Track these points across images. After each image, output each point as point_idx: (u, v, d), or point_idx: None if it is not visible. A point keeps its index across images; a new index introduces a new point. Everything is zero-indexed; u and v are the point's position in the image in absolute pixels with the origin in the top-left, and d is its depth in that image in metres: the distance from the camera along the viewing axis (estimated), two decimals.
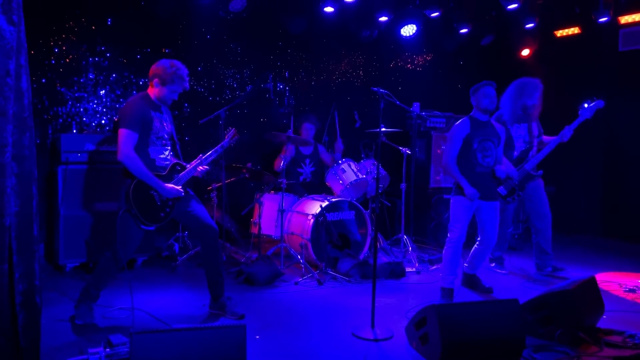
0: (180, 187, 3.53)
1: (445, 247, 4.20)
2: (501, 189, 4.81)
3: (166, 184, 3.45)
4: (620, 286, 4.65)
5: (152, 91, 3.56)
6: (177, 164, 3.61)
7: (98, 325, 3.45)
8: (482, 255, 4.38)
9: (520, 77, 4.88)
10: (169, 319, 3.58)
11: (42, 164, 4.97)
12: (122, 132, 3.35)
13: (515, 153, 4.85)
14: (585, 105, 4.68)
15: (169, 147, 3.61)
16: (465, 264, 4.52)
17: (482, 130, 4.17)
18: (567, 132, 4.71)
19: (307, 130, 5.96)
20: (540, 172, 4.86)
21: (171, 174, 3.54)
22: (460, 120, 4.26)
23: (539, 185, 4.89)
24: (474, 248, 4.41)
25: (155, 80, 3.51)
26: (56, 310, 3.69)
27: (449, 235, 4.20)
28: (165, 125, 3.56)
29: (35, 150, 2.51)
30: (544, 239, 4.92)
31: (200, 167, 3.67)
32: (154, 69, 3.53)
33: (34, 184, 2.48)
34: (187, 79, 3.58)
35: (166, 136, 3.58)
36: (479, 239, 4.35)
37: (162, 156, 3.54)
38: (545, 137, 4.94)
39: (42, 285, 2.55)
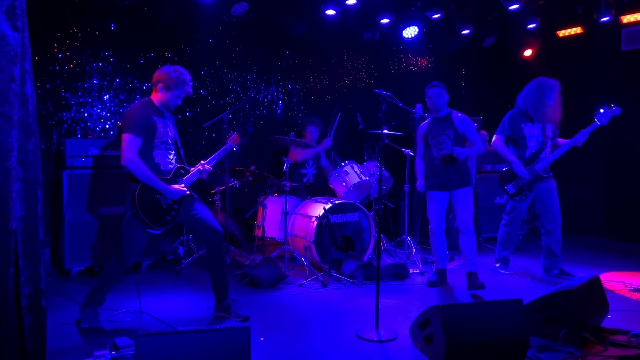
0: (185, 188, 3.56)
1: (429, 237, 4.71)
2: (509, 187, 4.81)
3: (170, 186, 3.48)
4: (625, 286, 4.64)
5: (156, 97, 3.60)
6: (181, 167, 3.64)
7: (104, 328, 3.48)
8: (468, 244, 4.53)
9: (538, 77, 4.83)
10: (173, 322, 3.60)
11: (47, 169, 5.01)
12: (126, 137, 3.38)
13: (527, 153, 4.80)
14: (602, 110, 4.62)
15: (173, 152, 3.64)
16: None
17: (436, 126, 4.57)
18: (581, 137, 4.69)
19: (311, 132, 5.97)
20: (551, 173, 4.83)
21: (175, 178, 3.58)
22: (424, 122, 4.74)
23: (551, 187, 4.83)
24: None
25: (159, 85, 3.56)
26: (62, 314, 3.71)
27: (429, 226, 4.69)
28: (168, 130, 3.60)
29: (40, 155, 2.54)
30: (554, 241, 4.87)
31: (205, 166, 3.70)
32: (157, 74, 3.58)
33: (39, 189, 2.50)
34: (190, 84, 3.63)
35: (170, 141, 3.61)
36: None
37: (166, 160, 3.57)
38: (559, 140, 4.90)
39: (48, 289, 2.57)
